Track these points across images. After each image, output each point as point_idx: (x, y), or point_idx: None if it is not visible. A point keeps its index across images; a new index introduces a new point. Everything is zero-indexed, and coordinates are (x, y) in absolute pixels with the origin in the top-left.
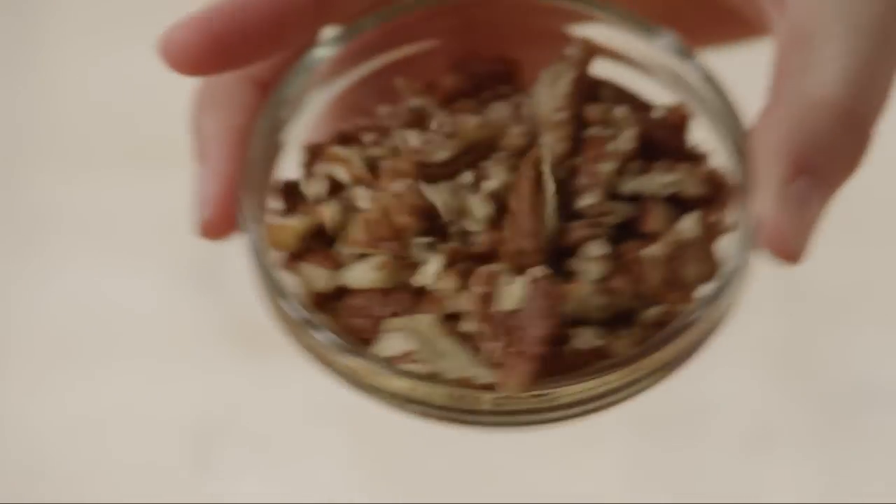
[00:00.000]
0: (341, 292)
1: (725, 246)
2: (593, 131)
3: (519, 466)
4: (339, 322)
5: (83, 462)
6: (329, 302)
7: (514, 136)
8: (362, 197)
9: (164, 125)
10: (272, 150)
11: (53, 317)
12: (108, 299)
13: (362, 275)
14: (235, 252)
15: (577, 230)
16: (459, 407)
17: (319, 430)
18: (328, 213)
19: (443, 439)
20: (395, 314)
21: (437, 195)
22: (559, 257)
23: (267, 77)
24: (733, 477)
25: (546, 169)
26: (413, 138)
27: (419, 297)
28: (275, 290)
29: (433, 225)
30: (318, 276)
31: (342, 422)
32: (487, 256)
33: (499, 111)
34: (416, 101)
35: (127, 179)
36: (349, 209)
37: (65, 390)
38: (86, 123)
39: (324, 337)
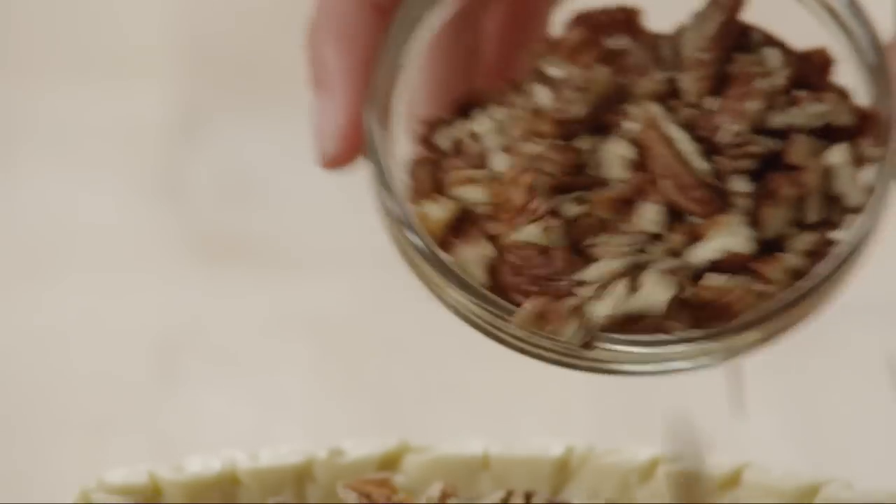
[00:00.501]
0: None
1: (869, 177)
2: (740, 69)
3: (493, 377)
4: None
5: (45, 375)
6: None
7: (649, 81)
8: (504, 163)
9: (127, 37)
10: (397, 77)
11: (13, 229)
12: (69, 211)
13: (529, 236)
14: (197, 163)
15: (723, 164)
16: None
17: (284, 343)
18: (472, 193)
19: (411, 351)
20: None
21: (582, 148)
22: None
23: (384, 1)
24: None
25: (682, 108)
26: (544, 97)
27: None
28: (404, 224)
29: (578, 180)
30: (477, 253)
31: (307, 334)
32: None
33: (630, 58)
34: (543, 61)
35: (88, 90)
36: (493, 180)
37: (26, 303)
38: (46, 34)
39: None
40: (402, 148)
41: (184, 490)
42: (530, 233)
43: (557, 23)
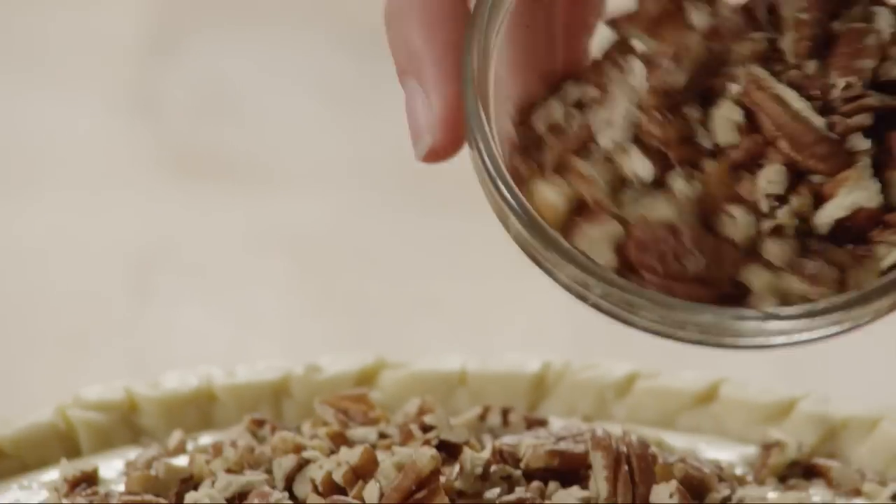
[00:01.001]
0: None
1: None
2: (846, 27)
3: (470, 294)
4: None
5: (21, 291)
6: None
7: (749, 43)
8: (616, 137)
9: None
10: (489, 59)
11: None
12: (44, 128)
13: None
14: (174, 79)
15: (838, 122)
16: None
17: (261, 259)
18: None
19: (387, 267)
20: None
21: (690, 117)
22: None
23: None
24: None
25: (785, 70)
26: (639, 71)
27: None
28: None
29: (690, 151)
30: (604, 232)
31: (284, 250)
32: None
33: (723, 23)
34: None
35: (63, 7)
36: (605, 158)
37: (1, 220)
38: None
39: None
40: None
41: (160, 406)
42: (660, 209)
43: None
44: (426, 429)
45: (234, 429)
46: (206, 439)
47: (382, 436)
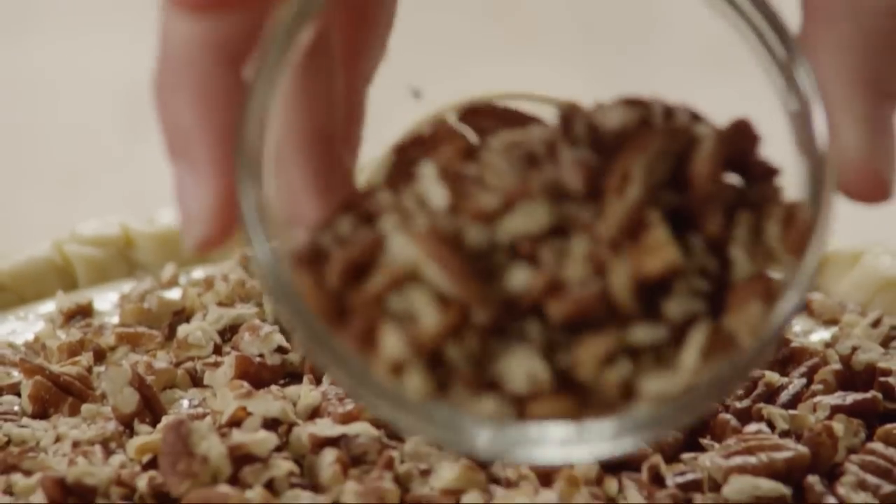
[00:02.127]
0: None
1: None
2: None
3: None
4: None
5: (17, 127)
6: None
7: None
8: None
9: None
10: (264, 139)
11: None
12: None
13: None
14: None
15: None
16: None
17: None
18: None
19: None
20: None
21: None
22: None
23: (238, 47)
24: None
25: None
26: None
27: None
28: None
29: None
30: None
31: None
32: None
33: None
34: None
35: None
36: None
37: None
38: None
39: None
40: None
41: (155, 241)
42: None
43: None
44: None
45: (225, 263)
46: (199, 273)
47: None
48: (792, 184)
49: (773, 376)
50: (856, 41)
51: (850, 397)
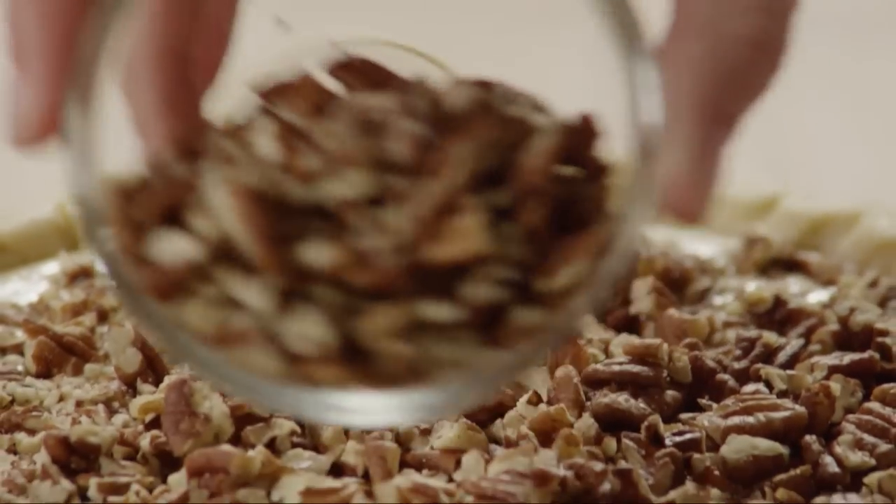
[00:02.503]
0: None
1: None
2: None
3: None
4: None
5: None
6: None
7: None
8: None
9: None
10: (102, 60)
11: None
12: None
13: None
14: None
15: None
16: None
17: None
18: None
19: None
20: None
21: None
22: None
23: None
24: None
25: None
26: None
27: None
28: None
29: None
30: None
31: None
32: None
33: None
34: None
35: None
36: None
37: None
38: None
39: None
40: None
41: None
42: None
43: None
44: None
45: None
46: None
47: None
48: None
49: (770, 337)
50: (703, 64)
51: (848, 357)
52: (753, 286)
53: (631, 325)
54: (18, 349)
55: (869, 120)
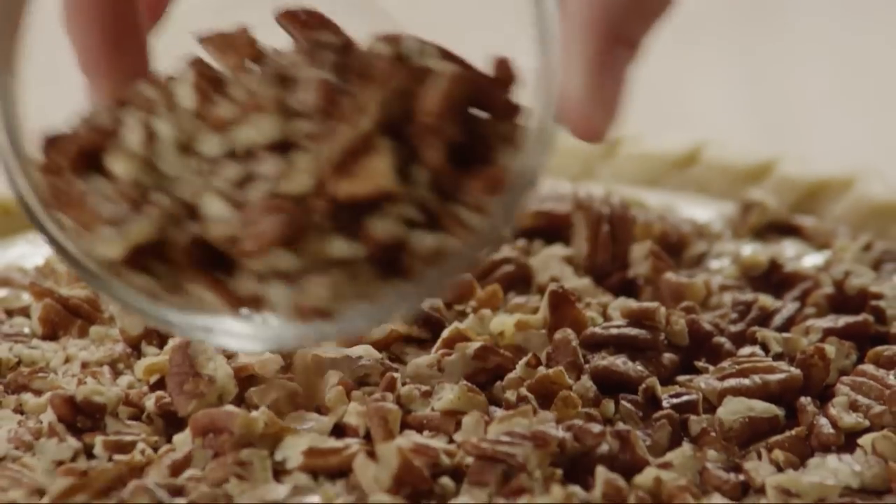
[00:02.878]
0: None
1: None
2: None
3: None
4: None
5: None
6: None
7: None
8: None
9: None
10: (20, 15)
11: None
12: None
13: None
14: None
15: None
16: None
17: None
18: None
19: None
20: None
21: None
22: None
23: None
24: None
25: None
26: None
27: None
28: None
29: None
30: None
31: None
32: None
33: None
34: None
35: None
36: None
37: None
38: None
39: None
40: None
41: None
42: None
43: None
44: None
45: None
46: None
47: None
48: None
49: (766, 300)
50: None
51: (843, 320)
52: (749, 250)
53: (629, 288)
54: (25, 312)
55: (864, 87)
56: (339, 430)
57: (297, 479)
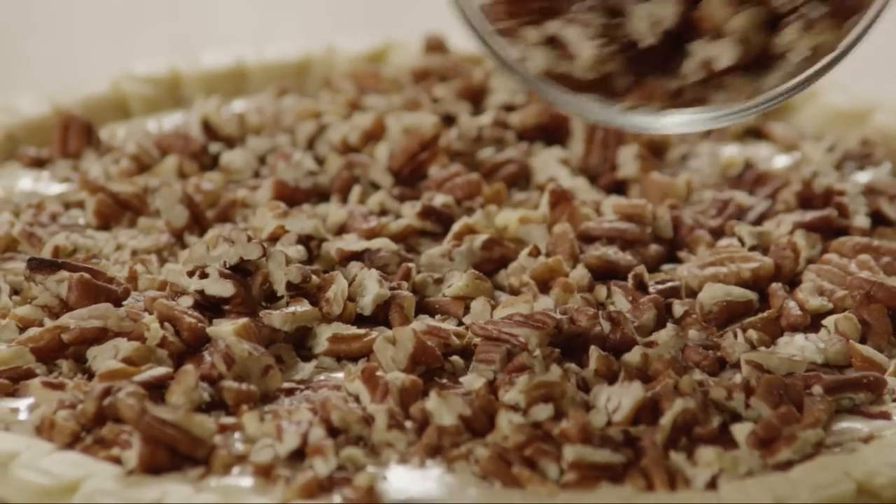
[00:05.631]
0: None
1: None
2: None
3: None
4: None
5: None
6: None
7: None
8: None
9: None
10: None
11: None
12: None
13: None
14: None
15: None
16: None
17: None
18: None
19: None
20: None
21: None
22: None
23: None
24: None
25: None
26: None
27: None
28: None
29: None
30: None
31: None
32: None
33: None
34: None
35: None
36: None
37: None
38: None
39: None
40: None
41: (200, 80)
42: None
43: None
44: (435, 100)
45: (261, 96)
46: (238, 105)
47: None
48: None
49: (742, 197)
50: None
51: (810, 215)
52: (727, 152)
53: (619, 187)
54: (80, 205)
55: None
56: (361, 319)
57: (322, 361)
